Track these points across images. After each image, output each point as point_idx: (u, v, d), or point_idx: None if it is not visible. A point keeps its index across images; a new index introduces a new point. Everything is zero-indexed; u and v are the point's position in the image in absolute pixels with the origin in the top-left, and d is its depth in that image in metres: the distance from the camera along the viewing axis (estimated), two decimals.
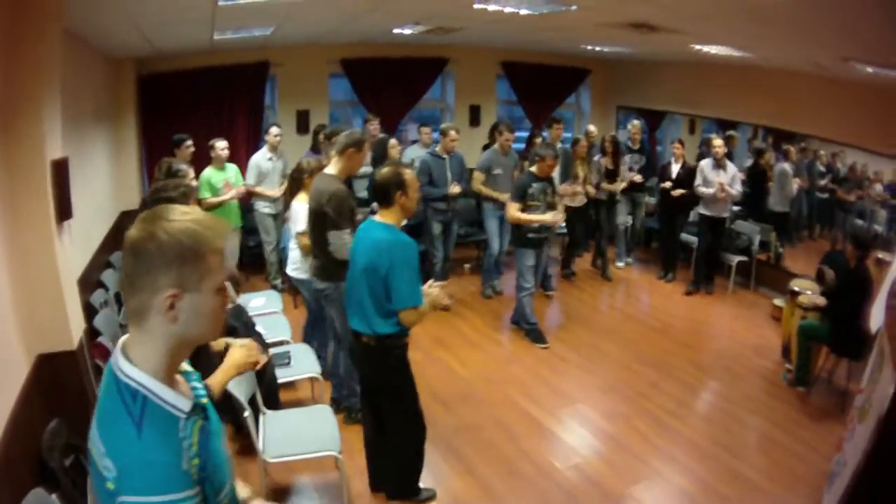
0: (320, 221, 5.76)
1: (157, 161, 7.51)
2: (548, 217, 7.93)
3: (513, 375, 7.55)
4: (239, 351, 3.35)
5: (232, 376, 3.32)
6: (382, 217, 4.70)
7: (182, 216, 1.82)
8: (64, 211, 4.54)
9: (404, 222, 4.86)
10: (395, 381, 4.92)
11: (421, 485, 5.26)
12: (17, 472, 3.52)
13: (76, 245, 5.06)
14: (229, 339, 3.80)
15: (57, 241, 4.38)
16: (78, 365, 4.58)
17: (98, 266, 7.00)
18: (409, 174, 4.69)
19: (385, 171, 4.68)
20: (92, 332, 5.28)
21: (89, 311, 5.69)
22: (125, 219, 8.91)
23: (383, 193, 4.64)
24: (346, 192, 5.77)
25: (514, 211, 7.93)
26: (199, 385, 2.08)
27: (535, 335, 8.46)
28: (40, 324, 4.33)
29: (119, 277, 1.78)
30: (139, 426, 1.72)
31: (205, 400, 2.03)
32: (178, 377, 1.96)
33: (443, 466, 5.78)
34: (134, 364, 1.80)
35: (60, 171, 4.47)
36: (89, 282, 6.39)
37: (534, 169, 8.00)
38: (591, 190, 10.39)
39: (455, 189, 9.26)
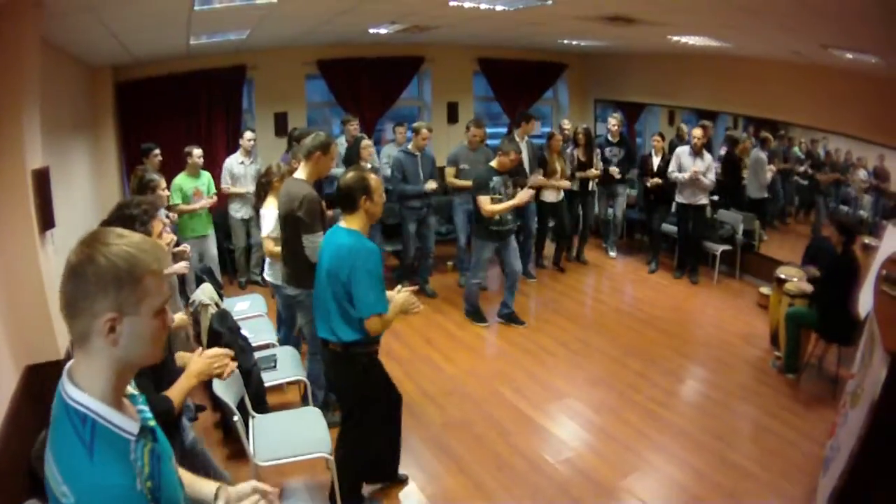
0: (292, 226, 5.75)
1: (136, 168, 7.51)
2: (519, 198, 8.04)
3: (500, 370, 7.56)
4: (199, 361, 3.35)
5: (192, 385, 3.32)
6: (347, 223, 4.64)
7: (118, 240, 1.82)
8: (46, 220, 4.51)
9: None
10: (359, 389, 4.86)
11: (365, 493, 5.22)
12: (8, 484, 3.50)
13: (59, 254, 5.03)
14: (186, 354, 3.79)
15: (40, 251, 4.36)
16: None
17: None
18: (373, 179, 4.64)
19: (349, 176, 4.62)
20: None
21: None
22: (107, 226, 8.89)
23: (348, 199, 4.59)
24: (315, 195, 5.74)
25: (487, 204, 7.95)
26: (144, 408, 2.06)
27: (475, 315, 8.79)
28: (27, 335, 4.31)
29: (60, 301, 1.77)
30: (91, 450, 1.72)
31: (152, 422, 2.02)
32: (125, 400, 1.94)
33: (433, 464, 5.77)
34: (80, 388, 1.79)
35: (41, 180, 4.45)
36: None
37: (493, 163, 8.16)
38: (567, 184, 10.44)
39: (432, 185, 9.29)
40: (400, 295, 4.69)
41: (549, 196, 10.36)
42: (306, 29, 8.87)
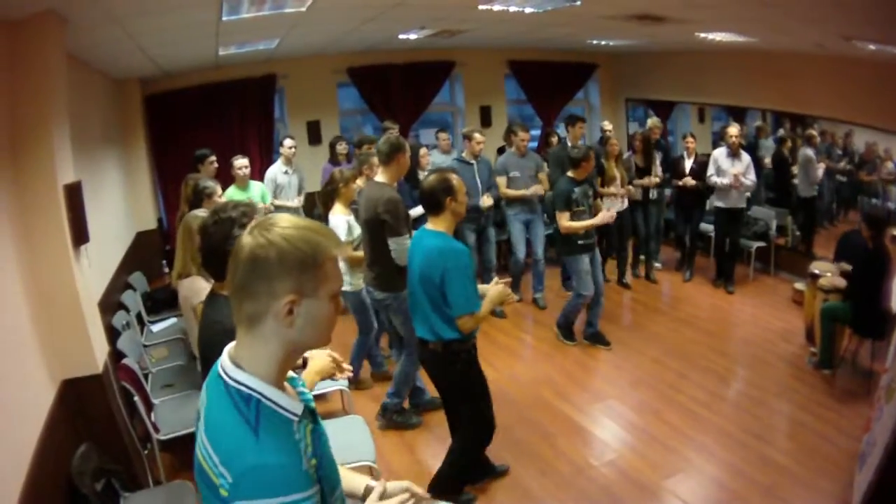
0: (377, 230, 5.82)
1: (169, 180, 7.51)
2: (599, 219, 7.65)
3: (542, 374, 7.54)
4: (321, 358, 3.35)
5: (314, 384, 3.31)
6: (433, 224, 4.70)
7: (297, 224, 1.86)
8: (80, 235, 4.53)
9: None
10: (462, 384, 4.93)
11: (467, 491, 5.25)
12: (48, 499, 3.51)
13: (94, 268, 5.05)
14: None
15: (75, 266, 4.38)
16: (104, 388, 4.58)
17: (117, 288, 7.01)
18: (456, 179, 4.68)
19: (432, 178, 4.68)
20: (116, 355, 5.28)
21: (112, 334, 5.70)
22: (141, 239, 8.94)
23: (433, 201, 4.64)
24: (399, 198, 5.81)
25: (565, 221, 7.66)
26: (304, 390, 2.11)
27: (565, 331, 8.40)
28: (63, 349, 4.33)
29: (230, 283, 1.77)
30: (256, 430, 1.76)
31: (312, 404, 2.07)
32: (285, 383, 1.97)
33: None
34: (244, 370, 1.84)
35: (74, 195, 4.47)
36: (109, 304, 6.40)
37: (571, 174, 7.76)
38: (632, 190, 9.93)
39: (488, 202, 8.89)
40: (494, 288, 4.73)
41: (610, 204, 9.59)
42: (335, 37, 8.88)
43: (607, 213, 7.67)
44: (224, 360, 1.88)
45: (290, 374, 2.04)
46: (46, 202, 4.22)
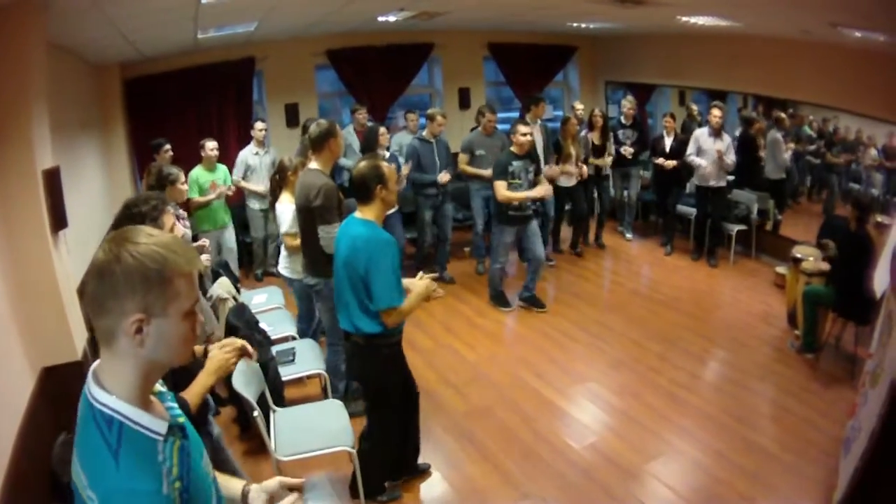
0: (309, 217, 5.74)
1: (148, 164, 7.46)
2: (536, 192, 8.03)
3: (521, 356, 7.54)
4: (216, 357, 3.30)
5: (210, 384, 3.27)
6: (362, 213, 4.63)
7: (149, 239, 1.78)
8: (59, 221, 4.49)
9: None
10: (379, 381, 4.87)
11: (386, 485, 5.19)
12: (30, 487, 3.49)
13: (73, 254, 5.01)
14: (199, 348, 3.73)
15: (54, 252, 4.34)
16: (83, 376, 4.54)
17: None
18: (387, 167, 4.62)
19: (362, 165, 4.60)
20: (94, 342, 5.25)
21: (90, 321, 5.67)
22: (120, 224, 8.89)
23: (363, 188, 4.56)
24: (333, 185, 5.74)
25: (503, 190, 7.94)
26: (174, 405, 2.03)
27: (498, 299, 8.77)
28: (43, 336, 4.29)
29: (85, 299, 1.74)
30: (116, 455, 1.70)
31: (181, 419, 1.99)
32: (153, 398, 1.92)
33: (456, 452, 5.77)
34: (107, 390, 1.77)
35: (52, 180, 4.42)
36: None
37: (513, 148, 8.07)
38: (584, 168, 10.32)
39: (444, 177, 9.26)
40: (420, 282, 4.68)
41: (565, 181, 10.26)
42: (315, 19, 8.84)
43: (541, 188, 8.08)
44: (89, 378, 1.81)
45: (159, 388, 2.00)
46: (25, 188, 4.17)
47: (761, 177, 10.49)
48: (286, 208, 6.45)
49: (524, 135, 8.02)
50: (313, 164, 5.89)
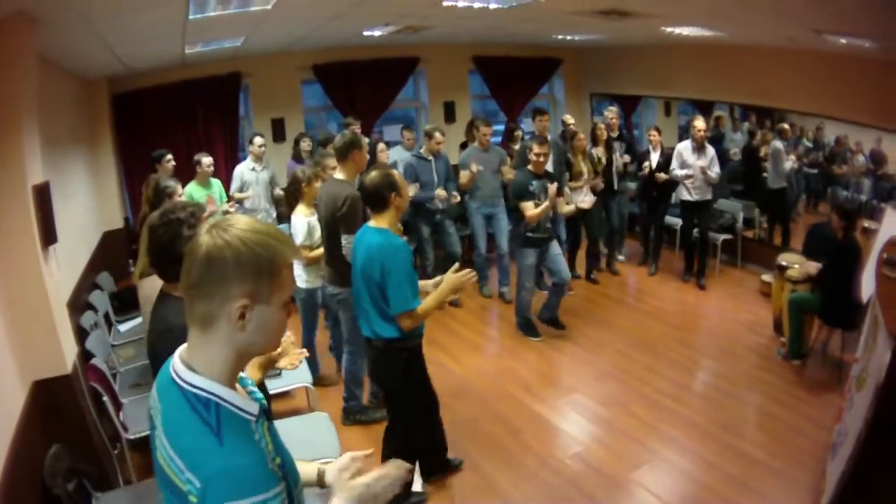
0: (335, 227, 5.85)
1: (136, 179, 7.47)
2: (549, 200, 7.64)
3: (507, 368, 7.57)
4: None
5: (258, 378, 3.31)
6: (376, 221, 4.73)
7: (255, 227, 1.83)
8: (49, 236, 4.52)
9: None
10: (400, 385, 4.96)
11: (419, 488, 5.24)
12: (22, 499, 3.51)
13: (62, 268, 5.03)
14: None
15: (44, 267, 4.37)
16: (73, 389, 4.58)
17: (85, 288, 6.98)
18: (397, 174, 4.74)
19: (374, 175, 4.69)
20: (84, 355, 5.27)
21: (80, 334, 5.68)
22: (108, 239, 8.89)
23: (377, 197, 4.67)
24: (358, 196, 5.75)
25: (531, 209, 7.61)
26: (255, 389, 2.09)
27: (528, 328, 8.38)
28: (33, 350, 4.32)
29: (183, 282, 1.76)
30: (219, 434, 1.74)
31: (264, 402, 2.04)
32: (236, 384, 1.96)
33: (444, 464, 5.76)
34: (198, 372, 1.81)
35: (42, 195, 4.45)
36: (78, 304, 6.38)
37: (529, 167, 7.84)
38: (598, 181, 9.93)
39: (442, 193, 8.93)
40: (452, 276, 4.66)
41: (583, 202, 9.67)
42: (301, 34, 8.88)
43: (589, 198, 7.89)
44: (176, 363, 1.85)
45: (240, 374, 2.03)
46: (15, 203, 4.21)
47: (763, 187, 10.51)
48: (300, 221, 6.53)
49: (538, 154, 7.76)
50: (338, 175, 6.00)
